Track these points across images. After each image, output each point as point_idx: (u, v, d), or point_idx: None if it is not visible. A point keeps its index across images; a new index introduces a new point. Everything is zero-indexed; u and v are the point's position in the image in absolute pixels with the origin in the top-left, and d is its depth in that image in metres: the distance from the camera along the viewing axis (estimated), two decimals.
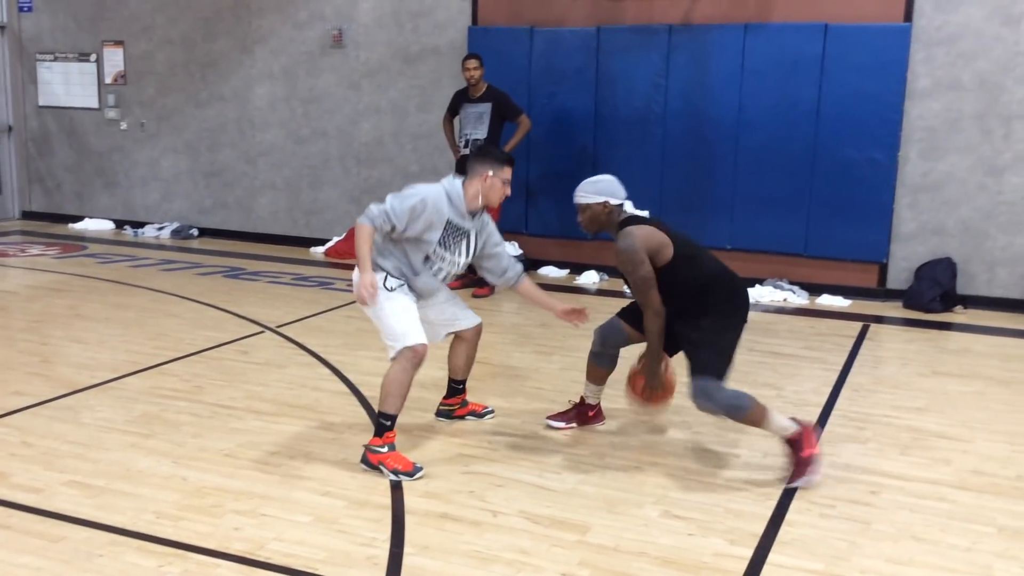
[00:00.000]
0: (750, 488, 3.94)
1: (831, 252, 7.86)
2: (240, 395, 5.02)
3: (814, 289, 7.82)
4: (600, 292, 7.97)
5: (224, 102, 10.01)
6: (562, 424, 4.64)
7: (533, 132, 8.04)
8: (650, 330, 4.08)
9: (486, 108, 7.74)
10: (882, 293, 7.78)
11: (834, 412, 4.95)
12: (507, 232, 8.56)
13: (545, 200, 8.68)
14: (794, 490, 3.91)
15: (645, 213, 4.34)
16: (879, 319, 7.16)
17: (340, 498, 3.76)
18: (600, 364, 4.51)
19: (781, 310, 7.44)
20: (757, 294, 7.72)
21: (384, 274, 4.13)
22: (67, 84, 10.82)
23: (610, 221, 4.16)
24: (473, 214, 4.20)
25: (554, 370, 5.62)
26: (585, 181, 4.21)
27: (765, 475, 4.07)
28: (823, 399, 5.16)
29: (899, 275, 7.73)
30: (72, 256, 9.03)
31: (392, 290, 4.12)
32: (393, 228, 4.06)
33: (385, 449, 4.01)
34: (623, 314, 4.42)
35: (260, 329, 6.43)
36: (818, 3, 7.68)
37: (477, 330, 4.59)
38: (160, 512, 3.60)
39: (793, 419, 4.05)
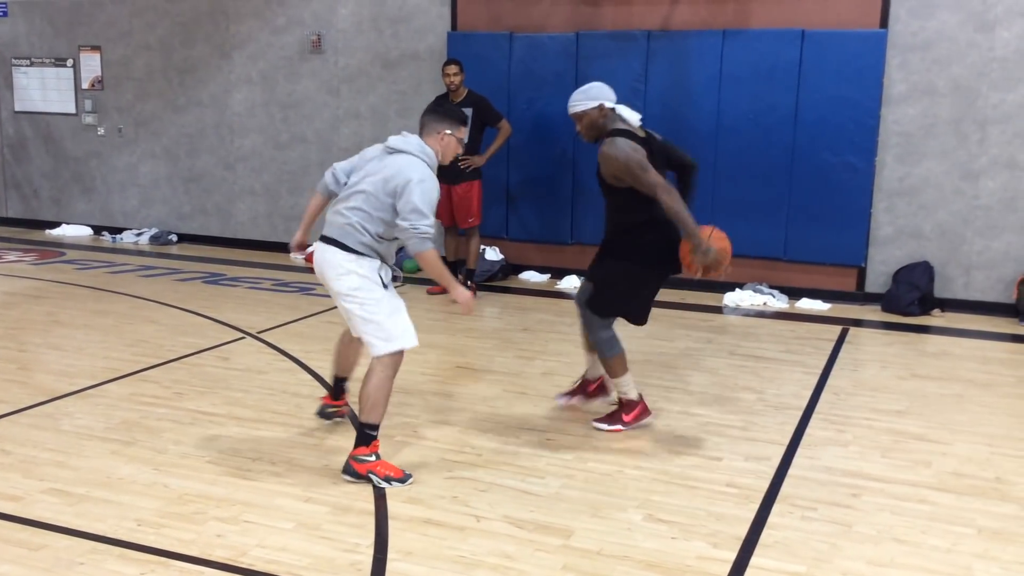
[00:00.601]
0: (732, 492, 3.96)
1: (810, 256, 7.91)
2: (221, 401, 4.99)
3: (793, 293, 7.88)
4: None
5: (202, 107, 9.96)
6: (563, 401, 4.97)
7: (513, 137, 8.04)
8: (674, 208, 4.14)
9: (467, 113, 7.73)
10: (861, 297, 7.85)
11: (814, 415, 4.99)
12: (488, 237, 8.58)
13: (525, 205, 8.69)
14: (775, 494, 3.94)
15: (637, 116, 4.45)
16: (858, 323, 7.22)
17: (323, 504, 3.75)
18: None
19: (761, 314, 7.48)
20: (737, 298, 7.77)
21: (378, 265, 4.03)
22: (44, 89, 10.73)
23: (607, 126, 4.32)
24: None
25: (536, 374, 5.62)
26: (576, 91, 4.39)
27: (747, 479, 4.09)
28: (803, 402, 5.20)
29: (877, 279, 7.79)
30: (50, 262, 8.95)
31: (387, 287, 4.05)
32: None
33: (373, 458, 3.97)
34: (588, 271, 4.68)
35: (240, 335, 6.39)
36: (795, 10, 7.74)
37: None
38: (142, 519, 3.58)
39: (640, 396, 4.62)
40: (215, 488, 3.88)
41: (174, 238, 10.24)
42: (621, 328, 4.65)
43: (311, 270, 4.32)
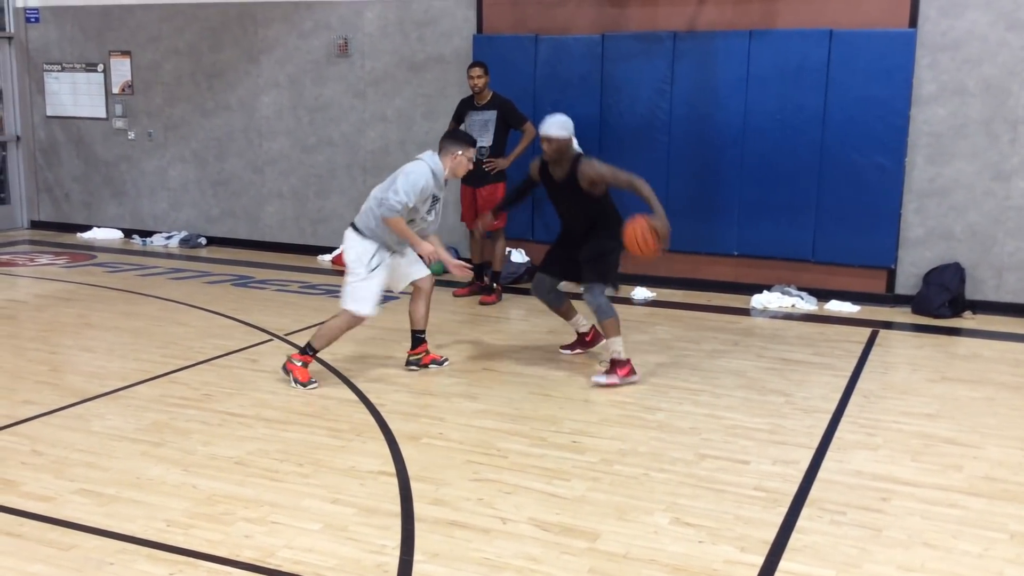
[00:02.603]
0: (760, 495, 3.93)
1: (839, 258, 7.85)
2: (249, 403, 5.03)
3: (822, 295, 7.81)
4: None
5: (231, 111, 10.05)
6: (569, 352, 6.08)
7: (538, 140, 8.02)
8: (646, 191, 5.22)
9: (491, 116, 7.75)
10: (891, 299, 7.77)
11: (844, 418, 4.94)
12: (513, 239, 8.58)
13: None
14: (803, 498, 3.91)
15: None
16: (888, 325, 7.15)
17: (349, 506, 3.76)
18: (558, 304, 5.91)
19: (789, 316, 7.43)
20: (764, 300, 7.72)
21: (372, 251, 5.20)
22: (74, 94, 10.87)
23: (566, 153, 5.50)
24: (445, 183, 5.39)
25: (561, 376, 5.62)
26: (553, 118, 5.51)
27: (775, 482, 4.06)
28: (833, 405, 5.15)
29: (907, 280, 7.71)
30: (81, 265, 9.06)
31: (373, 270, 5.20)
32: (409, 208, 5.14)
33: (300, 364, 5.26)
34: (541, 267, 5.90)
35: (268, 337, 6.44)
36: (823, 9, 7.68)
37: (431, 280, 5.58)
38: (171, 520, 3.61)
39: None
40: (243, 489, 3.91)
41: (203, 241, 10.34)
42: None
43: (338, 272, 4.62)
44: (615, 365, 5.44)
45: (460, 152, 5.34)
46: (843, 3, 7.61)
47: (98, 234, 10.79)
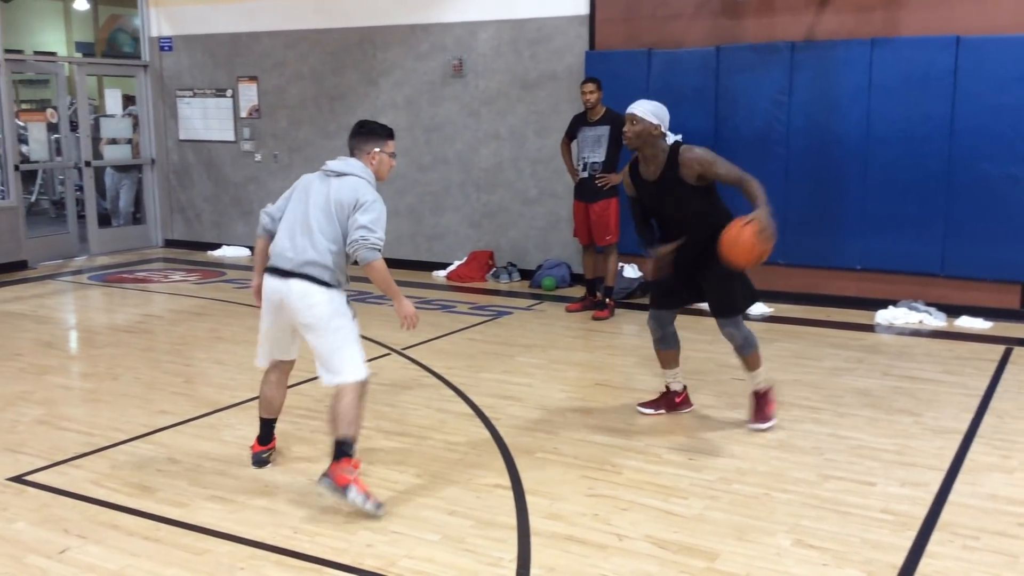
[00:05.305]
0: (888, 518, 3.79)
1: (969, 272, 7.51)
2: (368, 415, 5.14)
3: (952, 311, 7.49)
4: None
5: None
6: (651, 411, 5.12)
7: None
8: (757, 188, 4.46)
9: (604, 131, 7.76)
10: None
11: (976, 439, 4.72)
12: (626, 255, 8.54)
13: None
14: (934, 522, 3.75)
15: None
16: (1023, 342, 6.79)
17: (466, 517, 3.82)
18: (667, 347, 5.00)
19: (917, 332, 7.15)
20: (891, 316, 7.45)
21: (343, 296, 4.09)
22: (205, 119, 11.42)
23: (653, 143, 4.64)
24: None
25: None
26: (643, 100, 4.73)
27: (903, 505, 3.91)
28: (964, 426, 4.93)
29: None
30: (211, 282, 9.48)
31: (354, 317, 4.12)
32: None
33: (356, 473, 3.86)
34: (659, 301, 4.97)
35: (386, 351, 6.59)
36: (949, 16, 7.40)
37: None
38: (297, 527, 3.74)
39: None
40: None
41: None
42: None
43: (453, 288, 4.44)
44: (761, 400, 4.87)
45: (378, 149, 4.15)
46: (971, 9, 7.31)
47: (227, 252, 11.26)
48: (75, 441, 4.75)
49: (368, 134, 4.18)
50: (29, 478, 4.27)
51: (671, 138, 4.72)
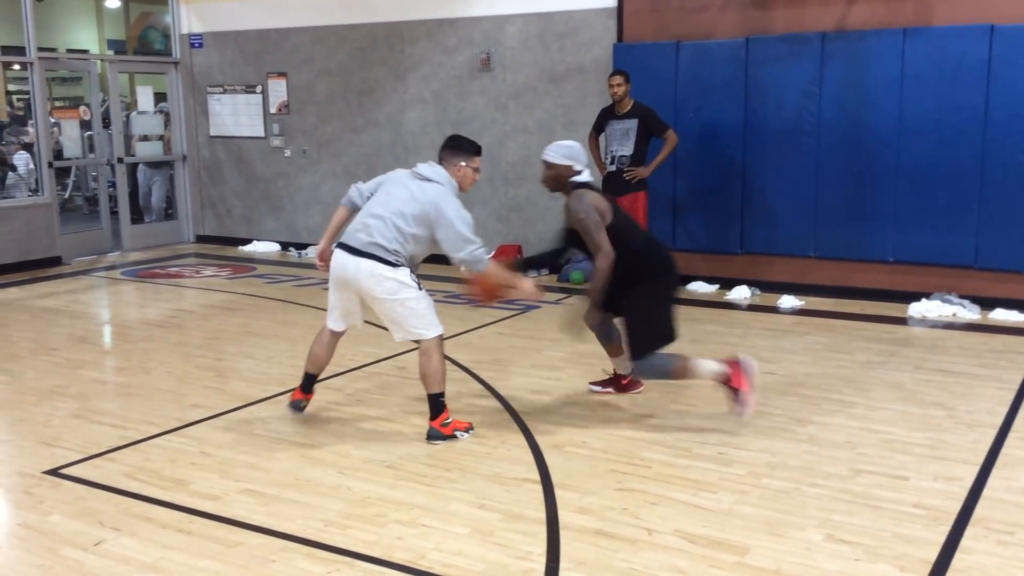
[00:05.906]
0: (920, 513, 3.76)
1: (1004, 264, 7.40)
2: (398, 409, 5.18)
3: (986, 303, 7.39)
4: (751, 307, 7.77)
5: (379, 128, 10.40)
6: (599, 389, 5.38)
7: (680, 147, 7.96)
8: (600, 268, 4.65)
9: (632, 124, 7.73)
10: None
11: (1011, 433, 4.66)
12: None
13: (693, 215, 8.57)
14: (968, 516, 3.71)
15: (592, 179, 5.01)
16: None
17: (495, 511, 3.83)
18: (609, 340, 5.16)
19: (950, 325, 7.06)
20: (924, 308, 7.36)
21: (408, 271, 4.55)
22: (235, 115, 11.51)
23: (567, 184, 4.82)
24: None
25: (705, 387, 5.52)
26: (556, 144, 4.91)
27: (936, 500, 3.87)
28: (999, 420, 4.86)
29: None
30: (242, 277, 9.56)
31: (420, 287, 4.60)
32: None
33: (451, 420, 4.62)
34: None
35: (415, 345, 6.60)
36: (983, 4, 7.28)
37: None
38: (328, 520, 3.77)
39: (720, 360, 4.69)
40: (394, 492, 4.03)
41: None
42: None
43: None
44: (733, 384, 4.66)
45: (464, 163, 4.66)
46: None
47: (257, 247, 11.36)
48: (109, 435, 4.82)
49: (457, 148, 4.72)
50: (64, 471, 4.33)
51: (584, 176, 4.88)
